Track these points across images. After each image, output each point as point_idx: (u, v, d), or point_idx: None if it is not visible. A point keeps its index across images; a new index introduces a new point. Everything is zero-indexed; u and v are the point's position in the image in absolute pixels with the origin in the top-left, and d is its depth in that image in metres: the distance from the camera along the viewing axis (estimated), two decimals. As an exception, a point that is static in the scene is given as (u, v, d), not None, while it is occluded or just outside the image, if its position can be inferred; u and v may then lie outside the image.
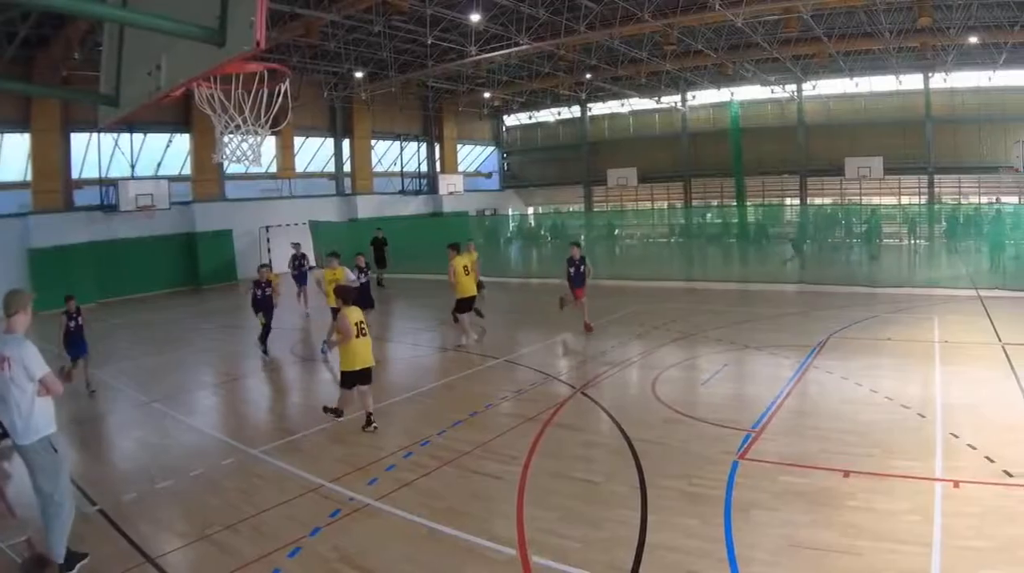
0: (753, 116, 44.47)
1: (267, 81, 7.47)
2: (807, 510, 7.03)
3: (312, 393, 13.55)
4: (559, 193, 51.87)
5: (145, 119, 29.42)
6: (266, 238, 34.35)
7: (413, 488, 8.14)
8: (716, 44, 34.07)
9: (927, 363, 12.69)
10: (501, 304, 21.60)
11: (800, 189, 43.53)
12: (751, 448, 8.85)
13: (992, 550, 5.94)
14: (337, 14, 24.93)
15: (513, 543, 6.65)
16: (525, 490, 7.90)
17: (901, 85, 39.64)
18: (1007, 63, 34.57)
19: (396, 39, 31.06)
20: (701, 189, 47.23)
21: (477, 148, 52.54)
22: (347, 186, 41.18)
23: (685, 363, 13.90)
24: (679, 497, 7.49)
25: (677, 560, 6.21)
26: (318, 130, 39.33)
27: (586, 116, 50.59)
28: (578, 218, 43.50)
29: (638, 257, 34.83)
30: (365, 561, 6.50)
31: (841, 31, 32.39)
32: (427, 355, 15.96)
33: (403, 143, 45.01)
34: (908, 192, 40.78)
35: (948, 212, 30.85)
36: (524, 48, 30.05)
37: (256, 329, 15.97)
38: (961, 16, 29.66)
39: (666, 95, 44.80)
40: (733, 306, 20.19)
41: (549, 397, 11.61)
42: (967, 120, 38.52)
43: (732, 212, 39.07)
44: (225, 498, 8.15)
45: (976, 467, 7.76)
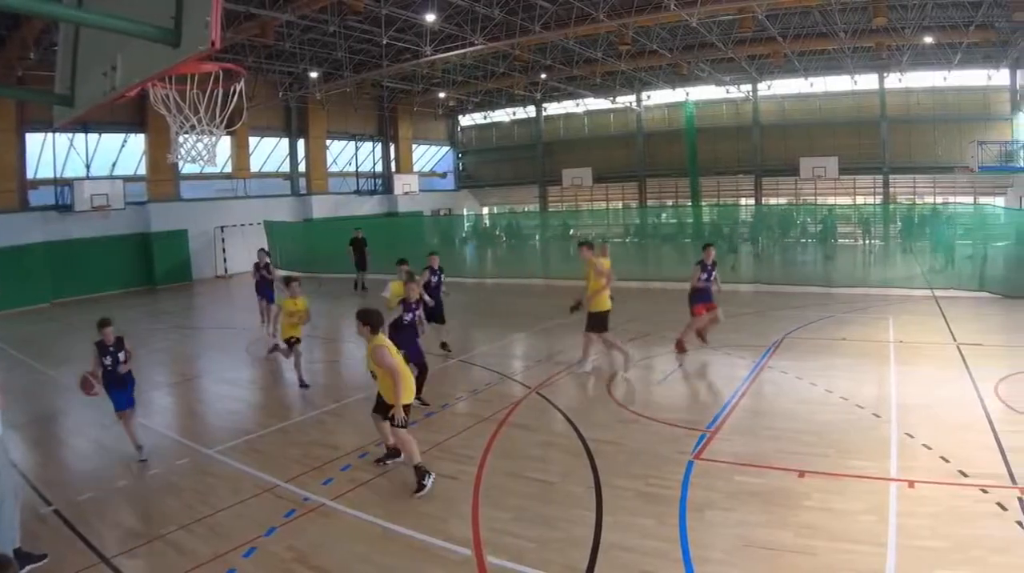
0: (708, 116, 44.67)
1: (222, 81, 7.41)
2: (762, 510, 7.10)
3: (267, 393, 13.51)
4: (514, 193, 51.81)
5: (100, 119, 29.06)
6: (221, 238, 34.17)
7: (368, 488, 8.17)
8: (671, 44, 34.18)
9: (882, 363, 12.86)
10: (456, 304, 21.58)
11: (755, 189, 43.84)
12: (706, 448, 8.94)
13: (947, 550, 6.03)
14: (292, 14, 24.73)
15: (468, 543, 6.68)
16: (480, 490, 7.94)
17: (856, 85, 40.10)
18: (962, 63, 34.99)
19: (351, 39, 31.00)
20: (656, 189, 47.33)
21: (432, 148, 52.37)
22: (302, 186, 40.98)
23: (640, 363, 13.96)
24: (634, 497, 7.54)
25: (632, 560, 6.25)
26: (273, 130, 39.06)
27: (541, 116, 50.58)
28: (533, 218, 43.46)
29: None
30: (320, 561, 6.51)
31: (796, 31, 32.66)
32: (383, 355, 15.89)
33: (358, 143, 44.79)
34: (863, 192, 41.17)
35: (903, 212, 31.18)
36: (479, 48, 29.91)
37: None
38: (916, 16, 30.01)
39: (621, 95, 44.89)
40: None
41: (504, 397, 11.67)
42: (922, 120, 38.94)
43: (687, 212, 39.02)
44: (180, 498, 8.13)
45: (931, 467, 7.87)
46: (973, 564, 5.85)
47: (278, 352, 13.92)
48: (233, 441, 10.00)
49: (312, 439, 10.07)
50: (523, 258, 34.16)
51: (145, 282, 30.97)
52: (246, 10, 23.67)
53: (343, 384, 13.70)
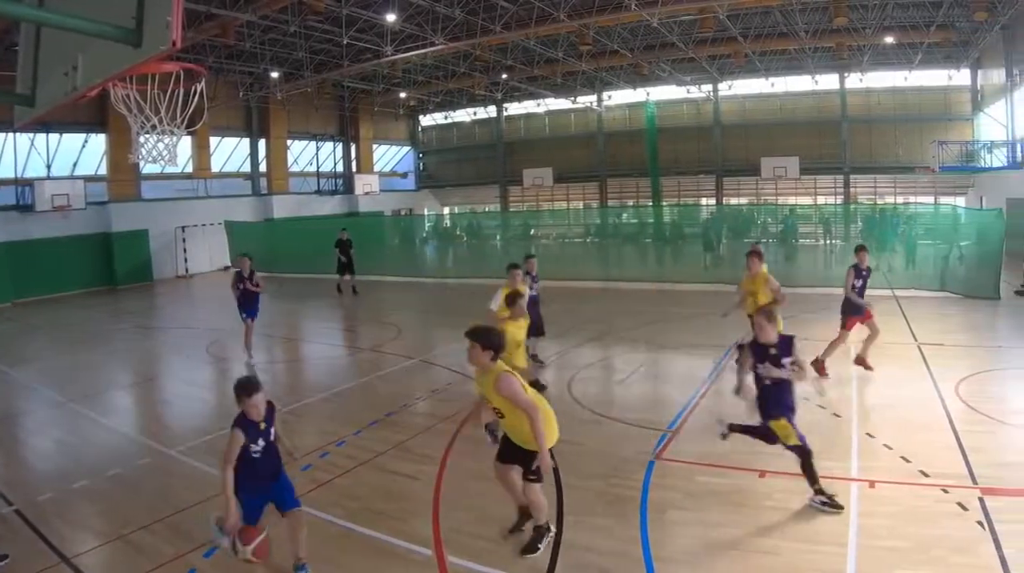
0: (669, 116, 44.87)
1: (183, 81, 7.40)
2: (723, 510, 7.13)
3: (228, 393, 13.32)
4: (475, 193, 51.79)
5: (61, 119, 28.79)
6: (182, 238, 34.04)
7: (329, 488, 8.16)
8: (632, 44, 34.34)
9: (843, 363, 12.83)
10: (417, 304, 21.60)
11: (716, 189, 44.13)
12: (667, 448, 8.98)
13: (907, 550, 6.07)
14: (253, 14, 24.63)
15: (429, 543, 6.68)
16: (441, 490, 7.94)
17: (817, 85, 40.41)
18: (923, 63, 35.42)
19: (312, 39, 31.00)
20: (617, 189, 47.54)
21: (393, 148, 52.34)
22: (263, 186, 40.84)
23: (601, 363, 14.07)
24: (595, 497, 7.56)
25: (592, 560, 6.27)
26: (234, 130, 38.89)
27: (502, 116, 50.66)
28: (494, 218, 43.30)
29: (554, 257, 34.59)
30: (280, 561, 6.43)
31: (757, 31, 32.95)
32: (341, 355, 15.91)
33: (319, 143, 44.70)
34: (824, 192, 41.50)
35: (865, 212, 31.50)
36: (440, 48, 30.00)
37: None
38: (877, 16, 30.32)
39: (582, 95, 45.10)
40: (649, 306, 20.41)
41: (465, 397, 11.56)
42: (883, 120, 39.42)
43: (648, 212, 39.13)
44: (141, 498, 8.07)
45: (892, 467, 7.91)
46: (934, 564, 5.90)
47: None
48: (194, 441, 9.93)
49: (273, 439, 10.03)
50: (484, 258, 34.02)
51: (106, 282, 30.69)
52: (207, 10, 23.56)
53: (303, 384, 13.69)
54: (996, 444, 8.63)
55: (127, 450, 9.83)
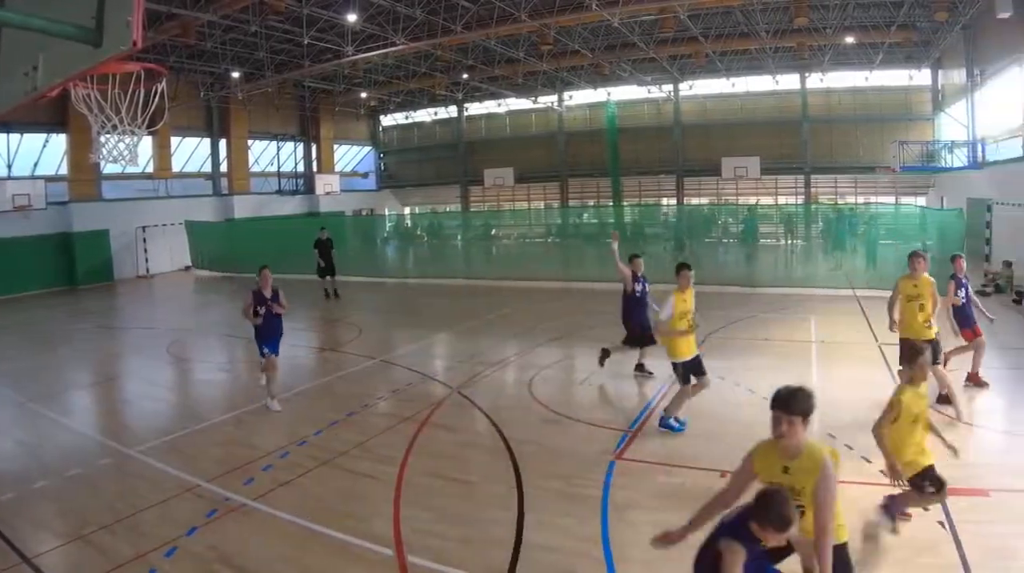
0: (630, 116, 45.03)
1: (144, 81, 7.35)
2: (685, 510, 6.85)
3: (189, 393, 13.41)
4: (436, 193, 51.76)
5: (22, 119, 28.49)
6: (143, 238, 33.81)
7: (290, 488, 8.13)
8: (593, 44, 34.39)
9: (804, 363, 13.07)
10: (378, 304, 21.53)
11: (677, 189, 44.29)
12: (628, 448, 9.01)
13: (871, 551, 6.11)
14: (214, 14, 24.57)
15: (390, 543, 6.68)
16: (402, 490, 7.93)
17: (778, 85, 40.64)
18: (884, 63, 35.73)
19: (273, 39, 30.92)
20: (578, 189, 47.67)
21: (354, 148, 52.22)
22: (224, 186, 40.62)
23: (562, 363, 14.11)
24: (556, 497, 7.58)
25: (554, 560, 6.28)
26: (195, 130, 38.61)
27: (463, 116, 50.62)
28: (455, 218, 43.39)
29: (515, 257, 35.06)
30: (241, 561, 6.46)
31: (718, 31, 33.09)
32: (302, 355, 15.77)
33: (280, 143, 44.52)
34: (785, 192, 41.75)
35: (825, 212, 31.77)
36: (400, 48, 30.01)
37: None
38: (837, 16, 30.56)
39: (543, 95, 45.26)
40: (610, 306, 20.32)
41: (426, 397, 11.67)
42: (843, 120, 39.72)
43: (608, 212, 39.32)
44: (102, 498, 7.99)
45: (853, 468, 7.94)
46: (897, 565, 5.96)
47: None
48: (155, 441, 9.86)
49: (233, 439, 10.00)
50: (445, 258, 34.14)
51: (66, 282, 30.37)
52: (168, 10, 23.49)
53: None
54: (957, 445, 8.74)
55: (88, 450, 9.73)
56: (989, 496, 7.06)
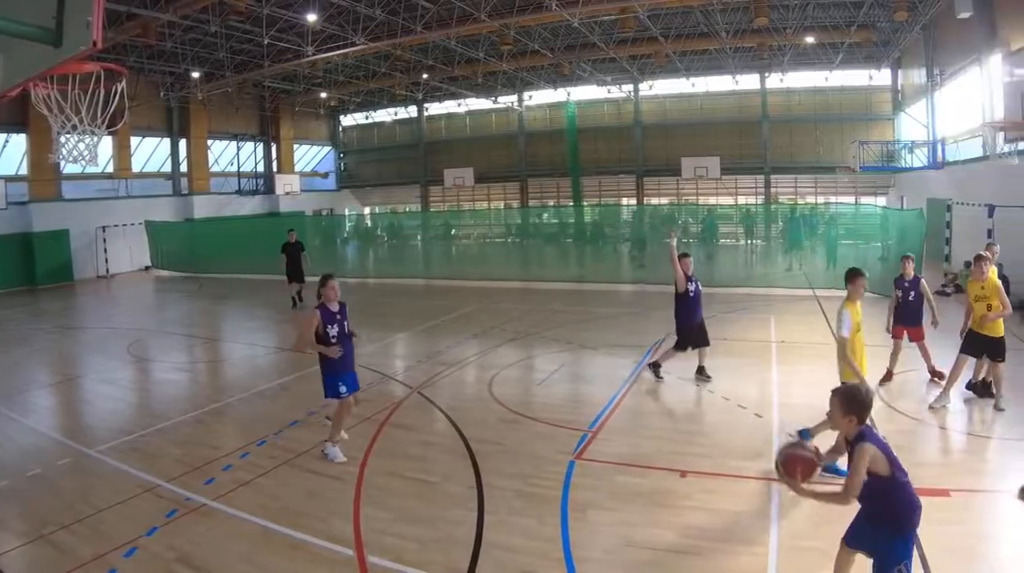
0: (590, 116, 45.20)
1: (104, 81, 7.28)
2: (644, 510, 7.18)
3: (149, 393, 13.27)
4: (396, 193, 51.84)
5: (-19, 119, 28.12)
6: (103, 238, 33.54)
7: (250, 488, 8.07)
8: (553, 44, 34.55)
9: (764, 363, 13.14)
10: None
11: (637, 189, 44.45)
12: (588, 448, 9.01)
13: (828, 550, 5.95)
14: (174, 14, 24.52)
15: (350, 543, 6.65)
16: (362, 490, 7.90)
17: (738, 85, 40.87)
18: (843, 63, 36.00)
19: (233, 39, 30.74)
20: (538, 189, 47.78)
21: (314, 148, 52.11)
22: (183, 186, 40.46)
23: (522, 363, 14.11)
24: (516, 497, 7.57)
25: (513, 560, 6.27)
26: (155, 130, 38.45)
27: (423, 116, 50.64)
28: (415, 218, 43.40)
29: (475, 257, 35.11)
30: (201, 561, 6.42)
31: (678, 31, 33.20)
32: (263, 355, 15.71)
33: (240, 143, 44.35)
34: (745, 192, 42.05)
35: (785, 212, 31.92)
36: (360, 48, 30.06)
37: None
38: (798, 16, 30.72)
39: (503, 95, 45.40)
40: (570, 306, 20.58)
41: (386, 397, 11.64)
42: (803, 120, 40.00)
43: (569, 212, 39.46)
44: (62, 498, 7.91)
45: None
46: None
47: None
48: (115, 441, 9.77)
49: (193, 439, 9.93)
50: (404, 258, 34.18)
51: (26, 282, 30.09)
52: (128, 10, 23.41)
53: (224, 384, 13.51)
54: (915, 443, 8.81)
55: (48, 450, 9.62)
56: (950, 496, 7.12)
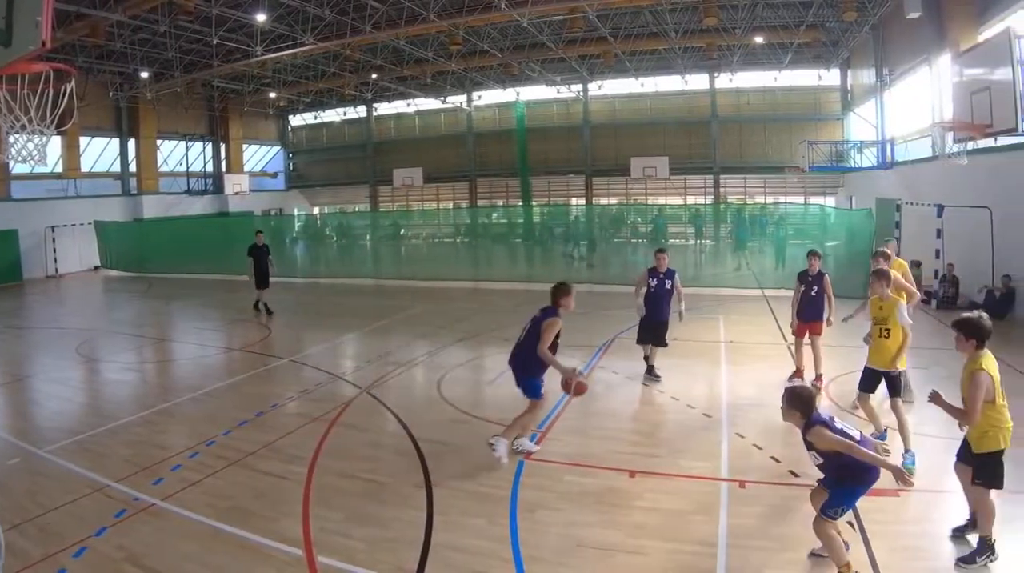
0: (539, 116, 45.45)
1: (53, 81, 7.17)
2: (593, 510, 7.18)
3: (98, 393, 13.07)
4: (345, 193, 51.90)
5: (-71, 119, 27.64)
6: (52, 238, 33.18)
7: (199, 488, 8.01)
8: (502, 44, 34.74)
9: (713, 363, 13.24)
10: (287, 304, 21.32)
11: (586, 189, 44.71)
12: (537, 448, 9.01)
13: (776, 550, 6.18)
14: (123, 14, 24.43)
15: (299, 543, 6.62)
16: (311, 490, 7.87)
17: (687, 85, 41.10)
18: (792, 63, 36.42)
19: (182, 39, 30.58)
20: (487, 189, 48.01)
21: (263, 148, 51.97)
22: (133, 186, 40.17)
23: (471, 363, 14.16)
24: (465, 497, 7.56)
25: (463, 560, 6.27)
26: (104, 130, 38.19)
27: (372, 116, 50.75)
28: (364, 218, 43.23)
29: (424, 257, 35.25)
30: (150, 561, 6.35)
31: (627, 31, 33.39)
32: (212, 355, 15.59)
33: (189, 143, 44.18)
34: (694, 192, 42.46)
35: (734, 212, 32.17)
36: (309, 48, 30.15)
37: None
38: (747, 16, 31.03)
39: (452, 95, 45.51)
40: (519, 306, 20.26)
41: (335, 397, 11.61)
42: (752, 120, 40.50)
43: (518, 212, 39.62)
44: (10, 498, 7.78)
45: (762, 467, 8.06)
46: (803, 564, 6.03)
47: None
48: (64, 441, 9.64)
49: (142, 439, 9.82)
50: (354, 258, 34.08)
51: (-27, 282, 29.63)
52: (77, 10, 23.33)
53: (173, 384, 13.34)
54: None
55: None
56: (898, 496, 7.20)
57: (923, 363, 12.44)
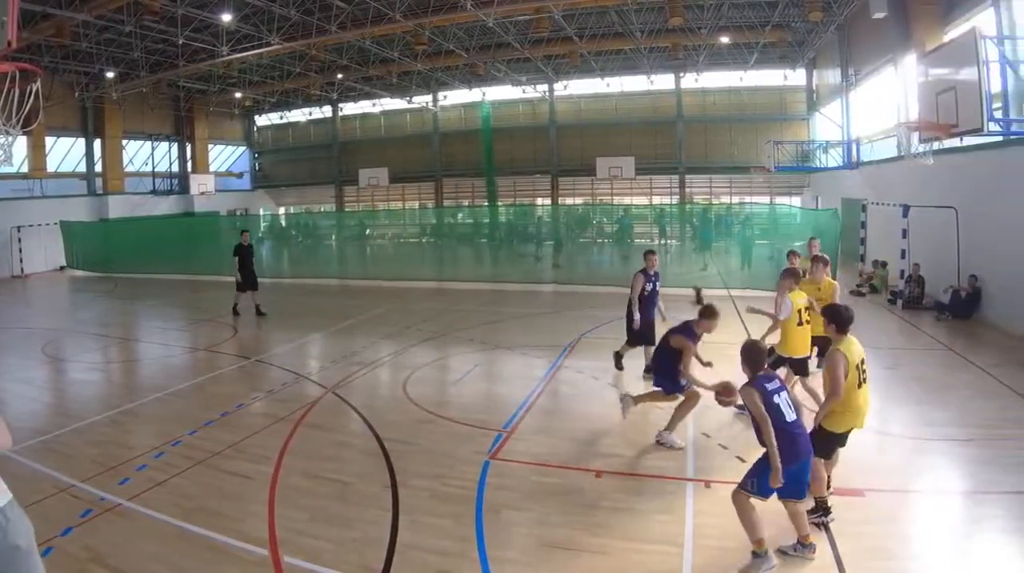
0: (505, 116, 45.51)
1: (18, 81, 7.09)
2: (559, 510, 7.17)
3: (63, 393, 12.96)
4: (310, 193, 51.88)
5: None
6: (17, 238, 32.85)
7: (165, 488, 7.94)
8: (467, 44, 34.81)
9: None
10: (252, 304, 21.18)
11: (552, 189, 44.79)
12: (503, 448, 9.02)
13: (742, 549, 6.10)
14: (89, 14, 24.35)
15: (265, 543, 6.58)
16: (276, 490, 7.83)
17: (653, 85, 41.31)
18: (758, 63, 36.62)
19: (147, 39, 30.34)
20: (453, 189, 48.04)
21: (229, 148, 51.78)
22: (98, 186, 39.97)
23: (436, 363, 14.13)
24: (431, 497, 7.55)
25: (428, 560, 6.25)
26: (70, 130, 37.99)
27: (337, 116, 50.71)
28: (329, 218, 43.26)
29: (389, 257, 35.12)
30: (116, 561, 6.30)
31: (592, 31, 33.47)
32: (177, 355, 15.48)
33: (154, 143, 44.02)
34: (660, 192, 42.63)
35: (699, 212, 32.23)
36: (275, 48, 30.10)
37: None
38: (712, 16, 31.07)
39: (418, 95, 45.43)
40: (485, 306, 20.67)
41: (300, 397, 11.55)
42: (718, 120, 40.72)
43: (484, 212, 39.70)
44: (-24, 499, 7.66)
45: (727, 467, 8.01)
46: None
47: None
48: (30, 441, 9.49)
49: (108, 439, 9.73)
50: (319, 258, 34.03)
51: (-61, 282, 29.36)
52: (43, 10, 23.30)
53: (138, 384, 13.21)
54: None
55: (-40, 450, 9.29)
56: (863, 496, 7.27)
57: (888, 363, 12.59)
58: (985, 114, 13.31)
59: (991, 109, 13.75)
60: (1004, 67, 14.74)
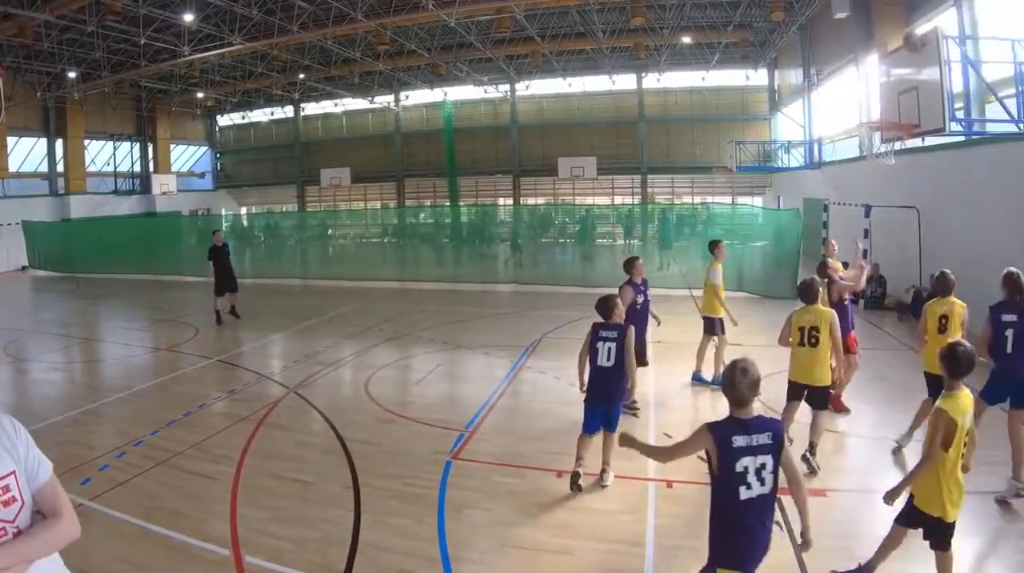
0: (467, 116, 45.65)
1: (-19, 81, 7.02)
2: (520, 510, 7.20)
3: (24, 393, 12.87)
4: (272, 193, 51.74)
5: None
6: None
7: (127, 488, 7.88)
8: (429, 44, 34.85)
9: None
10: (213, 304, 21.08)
11: (513, 189, 44.94)
12: (464, 448, 9.03)
13: (704, 549, 5.83)
14: (50, 14, 24.22)
15: (227, 543, 6.55)
16: (238, 490, 7.80)
17: (615, 85, 41.48)
18: (720, 63, 36.83)
19: (109, 39, 30.12)
20: (415, 189, 48.11)
21: (191, 148, 51.63)
22: (60, 186, 39.81)
23: (398, 363, 14.14)
24: (392, 497, 7.54)
25: (390, 560, 6.25)
26: (31, 130, 37.89)
27: (299, 116, 50.69)
28: (291, 218, 43.12)
29: (351, 257, 34.98)
30: (78, 561, 6.02)
31: (554, 31, 33.63)
32: (139, 355, 15.38)
33: (116, 143, 43.87)
34: (622, 192, 42.86)
35: (659, 212, 32.30)
36: (237, 48, 30.04)
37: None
38: (674, 16, 31.16)
39: (379, 95, 45.51)
40: (447, 306, 20.69)
41: (263, 397, 11.52)
42: (680, 120, 40.93)
43: (445, 212, 39.68)
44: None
45: (689, 467, 7.81)
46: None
47: None
48: (-10, 441, 9.31)
49: (70, 439, 9.64)
50: (281, 258, 33.85)
51: (-100, 283, 29.03)
52: (4, 10, 23.30)
53: (100, 384, 13.08)
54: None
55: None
56: (826, 496, 7.35)
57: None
58: (947, 114, 13.41)
59: (953, 109, 13.85)
60: (966, 67, 14.88)
